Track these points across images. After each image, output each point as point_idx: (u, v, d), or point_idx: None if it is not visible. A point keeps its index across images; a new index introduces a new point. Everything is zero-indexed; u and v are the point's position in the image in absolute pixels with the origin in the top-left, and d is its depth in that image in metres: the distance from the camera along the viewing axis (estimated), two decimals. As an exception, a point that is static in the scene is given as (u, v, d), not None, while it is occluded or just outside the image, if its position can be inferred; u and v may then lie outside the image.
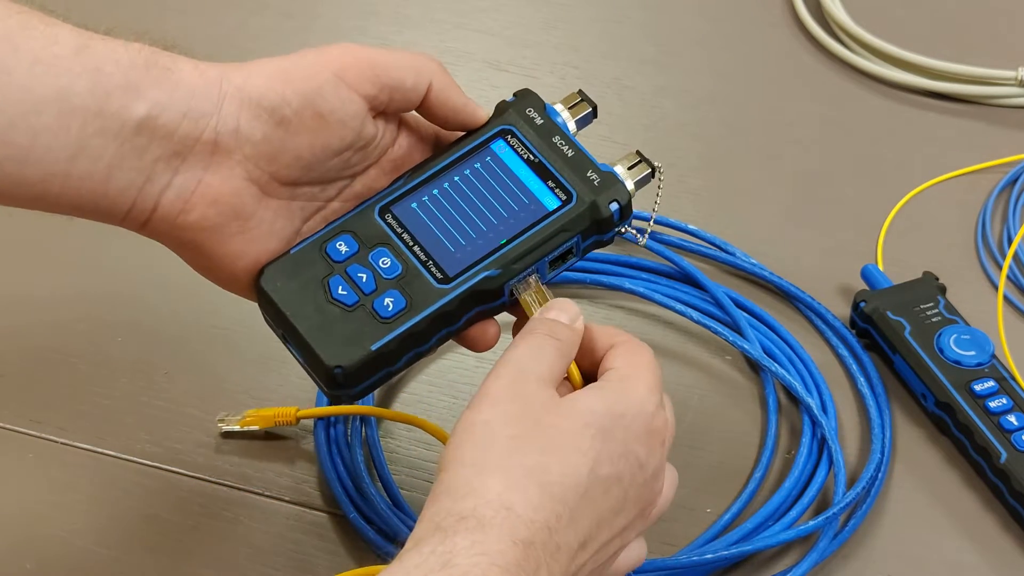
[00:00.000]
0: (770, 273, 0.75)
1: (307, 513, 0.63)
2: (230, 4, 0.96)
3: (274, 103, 0.47)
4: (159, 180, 0.47)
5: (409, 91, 0.49)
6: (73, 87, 0.44)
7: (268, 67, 0.48)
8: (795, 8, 0.97)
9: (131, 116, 0.45)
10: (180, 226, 0.48)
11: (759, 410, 0.69)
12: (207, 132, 0.46)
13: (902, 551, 0.63)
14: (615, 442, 0.45)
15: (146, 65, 0.46)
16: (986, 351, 0.68)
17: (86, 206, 0.46)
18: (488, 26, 0.96)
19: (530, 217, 0.51)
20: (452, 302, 0.49)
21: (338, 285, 0.49)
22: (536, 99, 0.53)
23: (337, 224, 0.51)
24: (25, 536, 0.61)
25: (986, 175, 0.84)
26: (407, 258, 0.50)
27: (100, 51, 0.46)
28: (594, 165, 0.51)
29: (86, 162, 0.45)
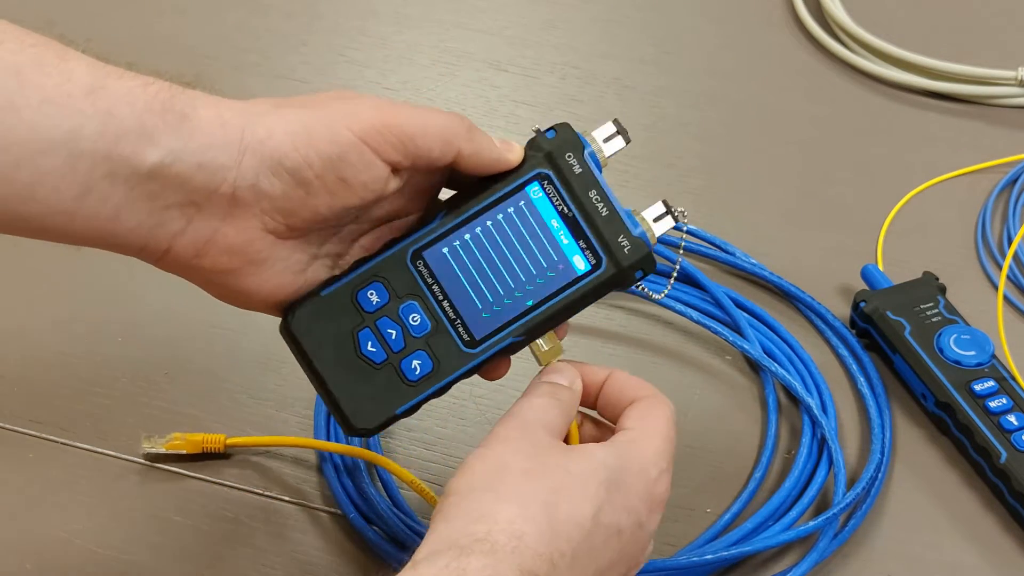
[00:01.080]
0: (770, 273, 0.75)
1: (307, 513, 0.63)
2: (230, 4, 0.96)
3: (296, 164, 0.46)
4: (171, 225, 0.46)
5: (436, 160, 0.48)
6: (83, 129, 0.43)
7: (292, 122, 0.46)
8: (795, 8, 0.97)
9: (143, 162, 0.44)
10: (195, 267, 0.47)
11: (759, 410, 0.69)
12: (224, 185, 0.45)
13: (902, 551, 0.63)
14: (620, 494, 0.46)
15: (162, 109, 0.45)
16: (986, 351, 0.68)
17: (90, 241, 0.46)
18: (488, 26, 0.96)
19: (559, 280, 0.50)
20: (477, 365, 0.50)
21: (367, 340, 0.49)
22: (575, 140, 0.51)
23: (368, 268, 0.50)
24: (25, 536, 0.61)
25: (986, 175, 0.84)
26: (436, 314, 0.50)
27: (114, 92, 0.44)
28: (626, 229, 0.51)
29: (93, 203, 0.44)
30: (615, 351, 0.72)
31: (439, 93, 0.90)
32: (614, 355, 0.72)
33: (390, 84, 0.90)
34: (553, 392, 0.49)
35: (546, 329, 0.51)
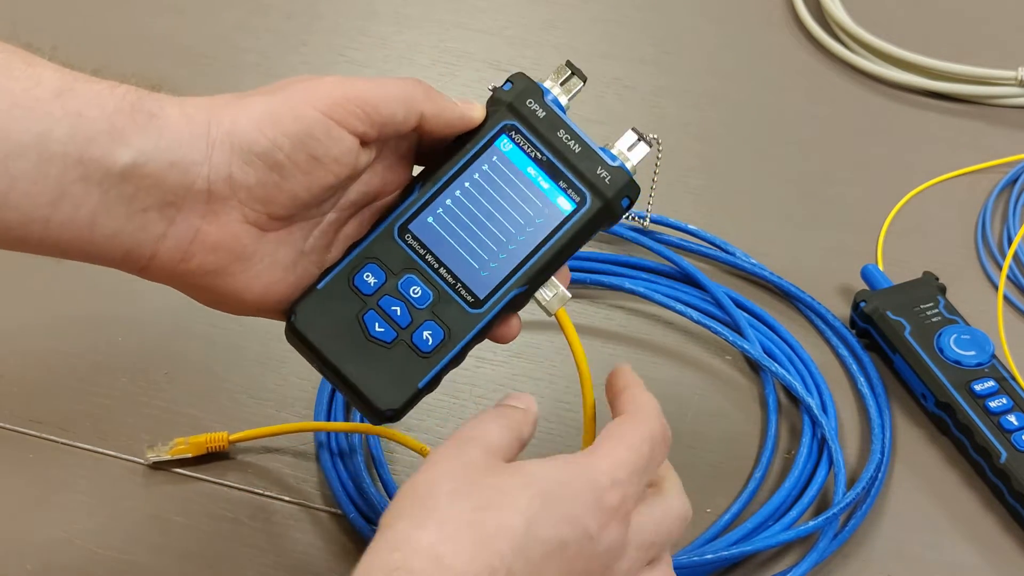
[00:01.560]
0: (770, 273, 0.75)
1: (307, 513, 0.63)
2: (230, 4, 0.96)
3: (265, 148, 0.46)
4: (153, 230, 0.45)
5: (400, 124, 0.48)
6: (53, 132, 0.43)
7: (255, 108, 0.46)
8: (795, 8, 0.97)
9: (115, 164, 0.44)
10: (181, 272, 0.47)
11: (759, 410, 0.69)
12: (199, 182, 0.45)
13: (902, 551, 0.63)
14: (559, 506, 0.44)
15: (131, 110, 0.44)
16: (986, 351, 0.68)
17: (71, 251, 0.45)
18: (488, 26, 0.96)
19: (548, 224, 0.50)
20: (487, 324, 0.50)
21: (374, 322, 0.49)
22: (533, 87, 0.52)
23: (359, 252, 0.50)
24: (25, 536, 0.61)
25: (986, 175, 0.84)
26: (436, 283, 0.50)
27: (83, 94, 0.44)
28: (603, 161, 0.51)
29: (68, 208, 0.44)
30: (615, 351, 0.72)
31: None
32: (614, 355, 0.72)
33: (390, 84, 0.90)
34: (500, 413, 0.48)
35: (547, 275, 0.51)
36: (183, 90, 0.92)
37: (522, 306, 0.51)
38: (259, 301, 0.49)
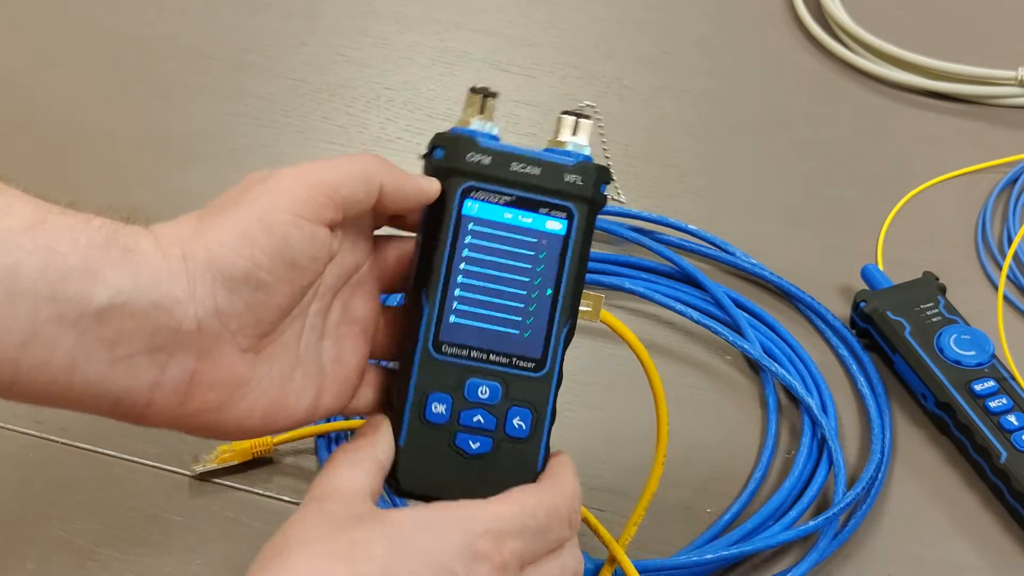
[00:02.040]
0: (770, 273, 0.75)
1: (307, 513, 0.63)
2: (230, 4, 0.97)
3: (247, 270, 0.43)
4: (143, 377, 0.43)
5: (362, 202, 0.47)
6: (22, 267, 0.40)
7: (225, 231, 0.44)
8: (795, 8, 0.97)
9: (90, 304, 0.41)
10: (181, 415, 0.44)
11: (759, 410, 0.69)
12: (187, 321, 0.43)
13: (902, 551, 0.63)
14: (417, 551, 0.43)
15: (106, 244, 0.42)
16: (986, 351, 0.68)
17: (48, 397, 0.42)
18: (488, 26, 0.96)
19: (553, 253, 0.49)
20: (559, 376, 0.49)
21: (467, 441, 0.48)
22: (463, 140, 0.49)
23: (413, 388, 0.48)
24: (25, 536, 0.61)
25: (986, 175, 0.84)
26: (496, 372, 0.49)
27: (56, 228, 0.41)
28: (563, 166, 0.49)
29: (40, 351, 0.40)
30: (615, 351, 0.72)
31: (439, 93, 0.90)
32: (614, 355, 0.72)
33: (390, 84, 0.90)
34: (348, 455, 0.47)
35: (579, 296, 0.50)
36: (184, 91, 0.92)
37: (574, 333, 0.50)
38: (264, 423, 0.47)
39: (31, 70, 0.91)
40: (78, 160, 0.83)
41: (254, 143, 0.85)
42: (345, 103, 0.89)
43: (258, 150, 0.84)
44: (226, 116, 0.87)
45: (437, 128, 0.90)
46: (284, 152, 0.84)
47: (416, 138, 0.86)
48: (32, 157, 0.83)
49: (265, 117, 0.87)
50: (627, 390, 0.70)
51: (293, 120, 0.87)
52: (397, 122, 0.87)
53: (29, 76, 0.90)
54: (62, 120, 0.86)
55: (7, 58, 0.91)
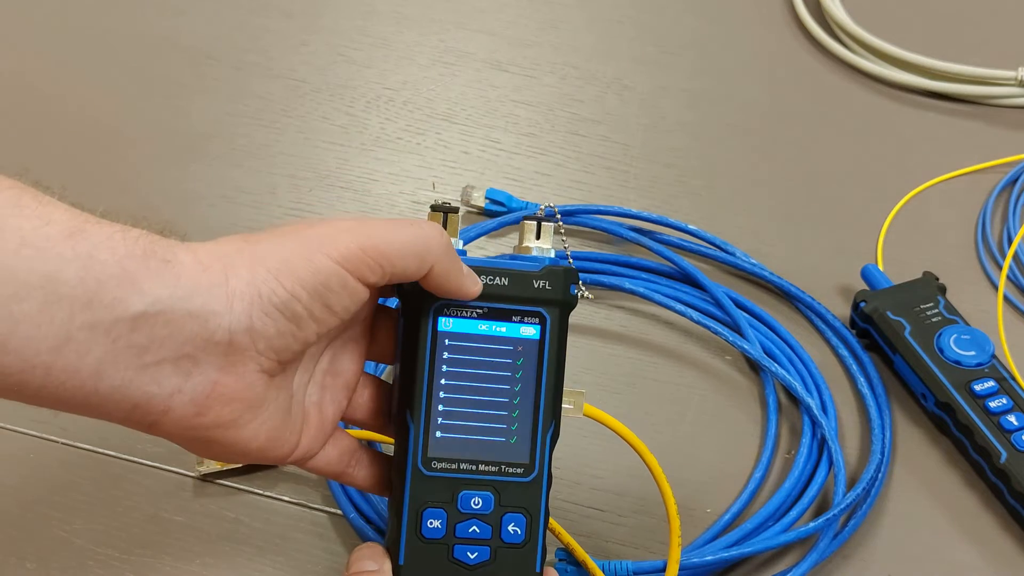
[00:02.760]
0: (770, 273, 0.75)
1: (307, 513, 0.63)
2: (230, 4, 0.97)
3: (284, 300, 0.44)
4: (166, 384, 0.43)
5: (411, 276, 0.47)
6: (62, 274, 0.40)
7: (270, 259, 0.44)
8: (795, 8, 0.97)
9: (126, 311, 0.41)
10: (193, 427, 0.45)
11: (759, 410, 0.69)
12: (219, 332, 0.43)
13: (902, 551, 0.63)
14: None
15: (143, 255, 0.42)
16: (986, 351, 0.68)
17: (72, 402, 0.43)
18: (488, 26, 0.96)
19: (530, 359, 0.50)
20: (548, 477, 0.50)
21: (465, 552, 0.49)
22: None
23: (407, 507, 0.49)
24: (25, 536, 0.61)
25: (986, 175, 0.84)
26: (486, 482, 0.50)
27: (94, 236, 0.42)
28: (531, 273, 0.50)
29: (72, 356, 0.41)
30: (615, 351, 0.72)
31: (439, 93, 0.90)
32: (614, 355, 0.72)
33: (390, 84, 0.90)
34: None
35: (560, 396, 0.51)
36: (184, 91, 0.92)
37: (559, 433, 0.51)
38: (262, 449, 0.47)
39: (31, 70, 0.91)
40: (77, 160, 0.83)
41: (254, 143, 0.85)
42: (345, 103, 0.89)
43: (258, 150, 0.84)
44: (226, 116, 0.87)
45: (437, 128, 0.91)
46: (284, 152, 0.84)
47: (416, 138, 0.86)
48: (32, 157, 0.83)
49: (265, 117, 0.87)
50: (627, 389, 0.70)
51: (293, 120, 0.87)
52: (397, 122, 0.87)
53: (29, 76, 0.90)
54: (62, 120, 0.87)
55: (7, 58, 0.91)
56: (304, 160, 0.84)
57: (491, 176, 0.83)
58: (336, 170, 0.83)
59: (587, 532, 0.62)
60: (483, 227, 0.74)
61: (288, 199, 0.81)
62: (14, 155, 0.83)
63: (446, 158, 0.84)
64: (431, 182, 0.82)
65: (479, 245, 0.75)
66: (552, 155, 0.85)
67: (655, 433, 0.67)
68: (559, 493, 0.64)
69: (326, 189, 0.82)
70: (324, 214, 0.80)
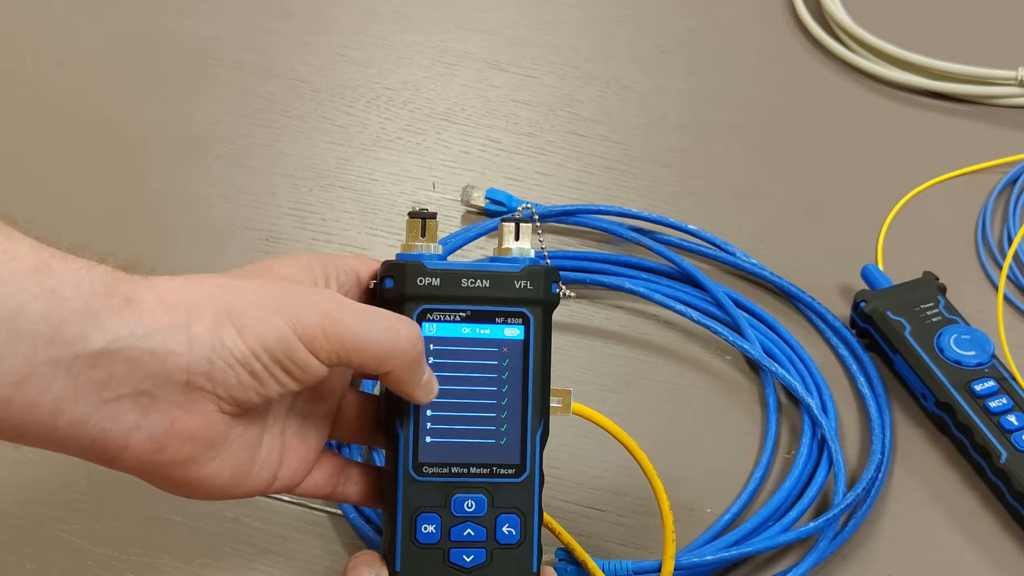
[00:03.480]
0: (770, 273, 0.75)
1: (307, 513, 0.63)
2: (230, 4, 0.97)
3: (245, 356, 0.44)
4: (124, 420, 0.43)
5: (368, 372, 0.48)
6: (27, 309, 0.40)
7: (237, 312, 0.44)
8: (795, 8, 0.97)
9: (87, 348, 0.41)
10: (152, 463, 0.45)
11: (759, 410, 0.69)
12: (177, 372, 0.43)
13: (902, 551, 0.63)
14: None
15: (107, 292, 0.42)
16: (986, 351, 0.68)
17: (30, 435, 0.42)
18: (488, 26, 0.96)
19: (516, 359, 0.50)
20: (540, 476, 0.50)
21: (461, 556, 0.49)
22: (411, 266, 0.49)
23: (401, 513, 0.49)
24: (25, 536, 0.61)
25: (986, 175, 0.84)
26: (478, 484, 0.50)
27: (59, 272, 0.42)
28: (511, 273, 0.50)
29: (32, 391, 0.41)
30: (615, 351, 0.72)
31: (439, 93, 0.90)
32: (614, 355, 0.72)
33: (390, 84, 0.90)
34: None
35: (548, 395, 0.51)
36: (184, 91, 0.92)
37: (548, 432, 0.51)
38: (228, 486, 0.47)
39: (31, 69, 0.91)
40: (77, 160, 0.83)
41: (254, 143, 0.85)
42: (345, 103, 0.89)
43: (258, 150, 0.84)
44: (226, 116, 0.87)
45: (437, 128, 0.91)
46: (284, 152, 0.84)
47: (416, 138, 0.86)
48: (31, 158, 0.84)
49: (265, 117, 0.87)
50: (627, 389, 0.70)
51: (293, 120, 0.87)
52: (397, 122, 0.87)
53: (29, 75, 0.90)
54: (61, 120, 0.87)
55: (7, 57, 0.91)
56: (304, 160, 0.84)
57: (491, 176, 0.83)
58: (336, 170, 0.83)
59: (587, 532, 0.62)
60: (483, 227, 0.74)
61: (288, 199, 0.81)
62: (14, 155, 0.83)
63: (446, 158, 0.84)
64: (431, 182, 0.82)
65: (479, 245, 0.75)
66: (552, 155, 0.85)
67: (655, 433, 0.67)
68: (559, 493, 0.64)
69: (326, 189, 0.82)
70: (324, 214, 0.80)
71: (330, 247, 0.77)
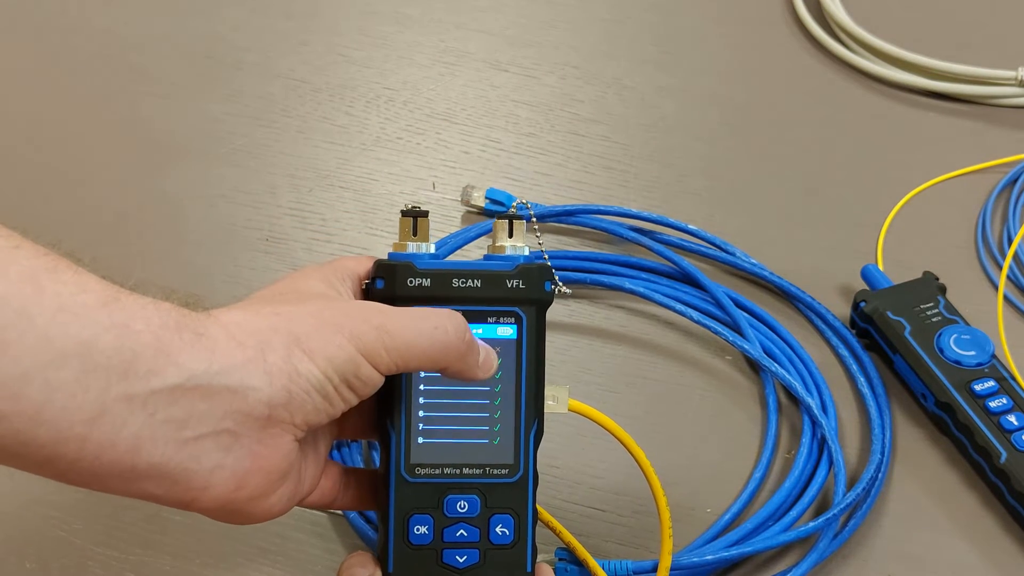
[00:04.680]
0: (770, 273, 0.75)
1: (307, 513, 0.63)
2: (230, 4, 0.97)
3: (320, 380, 0.44)
4: (208, 459, 0.43)
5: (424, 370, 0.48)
6: (98, 342, 0.40)
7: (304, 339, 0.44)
8: (795, 8, 0.97)
9: (162, 383, 0.41)
10: (231, 500, 0.44)
11: (759, 410, 0.69)
12: (259, 407, 0.43)
13: (902, 551, 0.63)
14: None
15: (176, 327, 0.42)
16: (986, 351, 0.68)
17: (108, 478, 0.42)
18: (488, 26, 0.96)
19: (510, 359, 0.50)
20: (534, 476, 0.50)
21: (454, 556, 0.49)
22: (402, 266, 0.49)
23: (393, 515, 0.49)
24: (25, 536, 0.61)
25: (986, 175, 0.84)
26: (471, 485, 0.49)
27: (129, 307, 0.41)
28: (504, 272, 0.50)
29: (108, 428, 0.40)
30: (615, 351, 0.72)
31: (439, 93, 0.90)
32: (614, 355, 0.72)
33: (390, 84, 0.90)
34: None
35: (542, 394, 0.50)
36: (184, 91, 0.92)
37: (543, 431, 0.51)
38: (283, 508, 0.47)
39: (30, 70, 0.91)
40: (76, 160, 0.83)
41: (254, 143, 0.85)
42: (345, 103, 0.89)
43: (258, 150, 0.84)
44: (226, 116, 0.87)
45: (437, 128, 0.91)
46: (284, 152, 0.84)
47: (416, 138, 0.86)
48: (31, 158, 0.84)
49: (265, 117, 0.87)
50: (628, 389, 0.70)
51: (293, 120, 0.87)
52: (397, 122, 0.87)
53: (28, 76, 0.90)
54: (60, 120, 0.87)
55: (5, 58, 0.91)
56: (304, 160, 0.84)
57: (491, 176, 0.83)
58: (336, 170, 0.83)
59: (587, 532, 0.62)
60: (483, 227, 0.74)
61: (288, 199, 0.81)
62: (14, 154, 0.83)
63: (446, 158, 0.84)
64: (431, 182, 0.82)
65: (479, 245, 0.75)
66: (552, 155, 0.85)
67: (655, 433, 0.67)
68: (559, 493, 0.64)
69: (326, 189, 0.82)
70: (324, 214, 0.80)
71: (330, 247, 0.77)
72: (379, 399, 0.50)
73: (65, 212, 0.79)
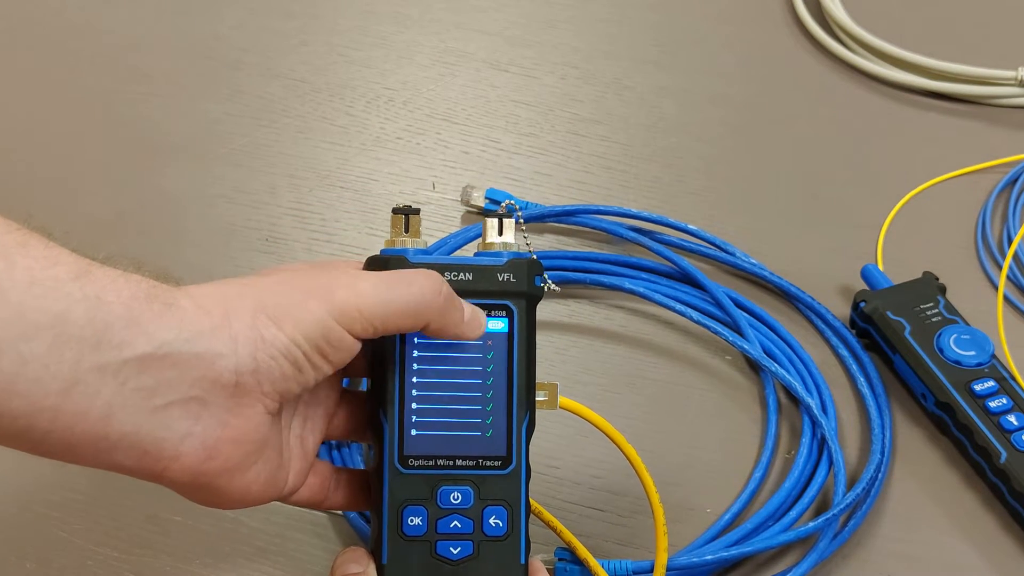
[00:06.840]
0: (770, 273, 0.75)
1: (307, 513, 0.63)
2: (230, 4, 0.97)
3: (286, 346, 0.44)
4: (177, 428, 0.43)
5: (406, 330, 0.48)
6: (71, 314, 0.40)
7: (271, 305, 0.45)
8: (795, 8, 0.97)
9: (133, 352, 0.41)
10: (202, 472, 0.44)
11: (759, 410, 0.69)
12: (226, 374, 0.43)
13: (902, 551, 0.63)
14: None
15: (147, 298, 0.42)
16: (986, 351, 0.68)
17: (81, 448, 0.42)
18: (488, 26, 0.96)
19: (501, 352, 0.50)
20: (527, 468, 0.50)
21: (448, 548, 0.49)
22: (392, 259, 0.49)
23: (387, 506, 0.49)
24: (25, 536, 0.61)
25: (986, 175, 0.84)
26: (464, 476, 0.50)
27: (100, 279, 0.42)
28: (495, 266, 0.50)
29: (80, 398, 0.41)
30: (615, 351, 0.72)
31: (439, 93, 0.90)
32: (614, 355, 0.72)
33: (390, 84, 0.90)
34: None
35: (533, 387, 0.51)
36: (183, 91, 0.92)
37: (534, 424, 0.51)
38: (260, 493, 0.47)
39: (30, 70, 0.91)
40: (76, 160, 0.83)
41: (254, 143, 0.85)
42: (345, 103, 0.89)
43: (258, 150, 0.84)
44: (226, 116, 0.87)
45: (437, 128, 0.91)
46: (284, 152, 0.84)
47: (416, 138, 0.86)
48: (31, 158, 0.84)
49: (265, 117, 0.87)
50: (627, 389, 0.70)
51: (293, 120, 0.87)
52: (397, 122, 0.87)
53: (28, 76, 0.90)
54: (60, 119, 0.87)
55: (5, 58, 0.91)
56: (304, 160, 0.84)
57: (491, 176, 0.83)
58: (336, 170, 0.83)
59: (587, 532, 0.62)
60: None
61: (288, 199, 0.81)
62: (14, 154, 0.83)
63: (446, 158, 0.84)
64: (431, 182, 0.82)
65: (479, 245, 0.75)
66: (552, 155, 0.85)
67: (655, 433, 0.67)
68: (559, 493, 0.64)
69: (326, 189, 0.82)
70: (324, 214, 0.80)
71: (330, 247, 0.78)
72: (371, 390, 0.50)
73: (65, 212, 0.79)
